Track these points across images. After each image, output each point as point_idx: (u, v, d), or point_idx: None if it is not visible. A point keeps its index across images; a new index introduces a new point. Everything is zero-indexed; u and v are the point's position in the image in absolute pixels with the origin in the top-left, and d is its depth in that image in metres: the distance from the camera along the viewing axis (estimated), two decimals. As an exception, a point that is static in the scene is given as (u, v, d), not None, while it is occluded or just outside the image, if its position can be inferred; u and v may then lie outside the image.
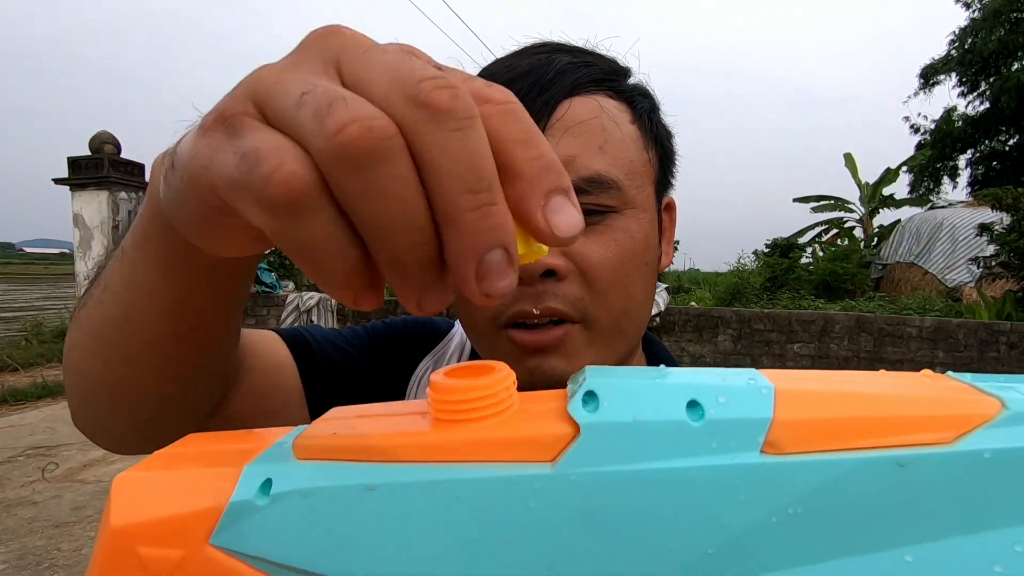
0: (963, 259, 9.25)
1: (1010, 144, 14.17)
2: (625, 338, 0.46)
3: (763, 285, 9.81)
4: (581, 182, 0.42)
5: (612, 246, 0.43)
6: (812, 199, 14.99)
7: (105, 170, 5.96)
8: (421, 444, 0.17)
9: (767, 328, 6.57)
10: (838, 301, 8.50)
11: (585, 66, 0.46)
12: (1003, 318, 6.80)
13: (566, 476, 0.17)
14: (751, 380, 0.18)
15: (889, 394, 0.17)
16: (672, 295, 7.85)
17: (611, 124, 0.44)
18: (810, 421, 0.17)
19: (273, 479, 0.18)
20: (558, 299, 0.42)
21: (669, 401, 0.17)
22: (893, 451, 0.16)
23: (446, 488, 0.17)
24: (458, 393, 0.18)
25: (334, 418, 0.20)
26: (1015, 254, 7.09)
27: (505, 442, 0.17)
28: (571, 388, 0.19)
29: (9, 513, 3.08)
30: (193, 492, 0.18)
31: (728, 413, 0.17)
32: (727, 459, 0.16)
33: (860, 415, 0.17)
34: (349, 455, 0.18)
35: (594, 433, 0.17)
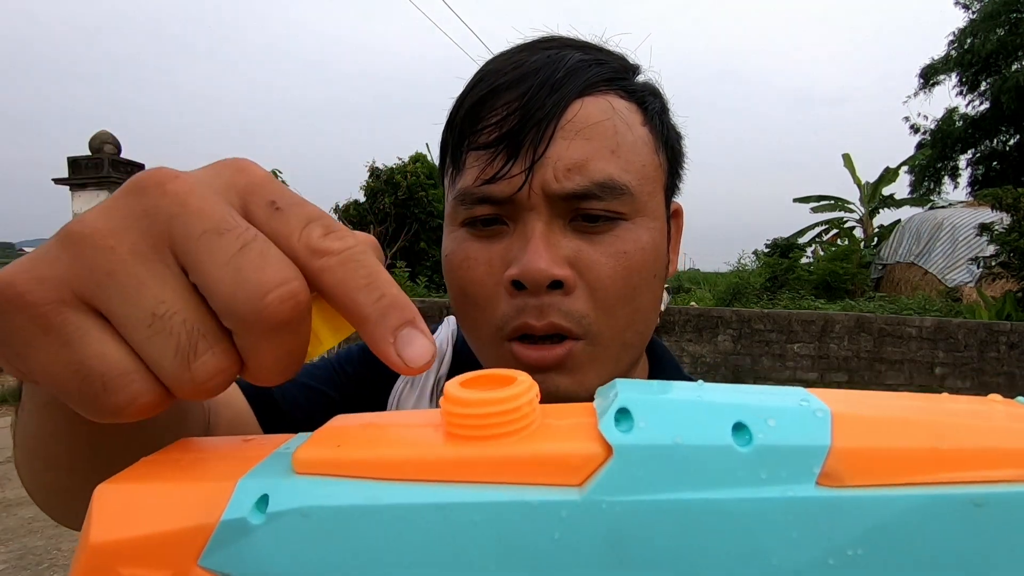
0: (963, 259, 9.25)
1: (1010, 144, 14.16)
2: (630, 351, 0.45)
3: (763, 285, 9.81)
4: (593, 187, 0.40)
5: (622, 259, 0.42)
6: (812, 199, 14.99)
7: (105, 170, 5.94)
8: (434, 462, 0.16)
9: (767, 328, 6.57)
10: (838, 301, 8.50)
11: (596, 64, 0.44)
12: (1003, 318, 6.80)
13: (596, 504, 0.15)
14: (803, 401, 0.16)
15: (961, 423, 0.15)
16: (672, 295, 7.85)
17: (623, 126, 0.43)
18: (873, 451, 0.15)
19: (270, 495, 0.16)
20: (562, 315, 0.40)
21: (713, 422, 0.15)
22: (968, 488, 0.14)
23: (461, 512, 0.15)
24: (476, 407, 0.16)
25: (338, 428, 0.19)
26: (1015, 254, 7.09)
27: (527, 462, 0.16)
28: (600, 403, 0.18)
29: (9, 513, 3.08)
30: (181, 507, 0.17)
31: (779, 439, 0.15)
32: (778, 491, 0.15)
33: (929, 446, 0.15)
34: (354, 471, 0.16)
35: (628, 456, 0.15)
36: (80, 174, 6.05)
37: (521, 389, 0.17)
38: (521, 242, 0.41)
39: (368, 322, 0.18)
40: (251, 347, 0.18)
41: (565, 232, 0.41)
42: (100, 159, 6.01)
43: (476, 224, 0.43)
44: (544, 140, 0.40)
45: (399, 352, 0.18)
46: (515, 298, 0.41)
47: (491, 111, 0.42)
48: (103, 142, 6.12)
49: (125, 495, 0.17)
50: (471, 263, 0.43)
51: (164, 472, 0.18)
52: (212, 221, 0.18)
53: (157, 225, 0.18)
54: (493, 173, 0.41)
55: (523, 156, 0.40)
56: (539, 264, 0.39)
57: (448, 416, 0.17)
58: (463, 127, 0.43)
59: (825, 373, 6.45)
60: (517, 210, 0.41)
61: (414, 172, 10.30)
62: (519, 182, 0.40)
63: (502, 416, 0.16)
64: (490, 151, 0.41)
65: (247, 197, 0.19)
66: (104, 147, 6.10)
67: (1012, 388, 6.07)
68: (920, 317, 6.55)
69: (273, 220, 0.19)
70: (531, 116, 0.40)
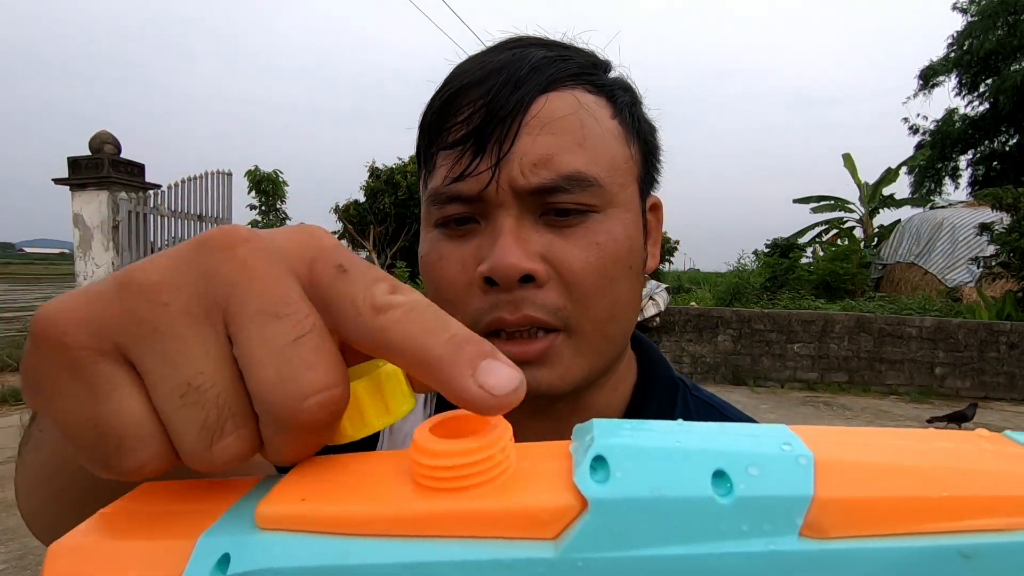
0: (963, 259, 9.25)
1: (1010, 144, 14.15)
2: (613, 344, 0.45)
3: (763, 285, 9.81)
4: (560, 180, 0.40)
5: (594, 250, 0.41)
6: (812, 199, 14.99)
7: (105, 170, 5.93)
8: (403, 517, 0.15)
9: (767, 328, 6.57)
10: (838, 301, 8.49)
11: (561, 60, 0.44)
12: (1003, 318, 6.80)
13: (572, 561, 0.14)
14: (786, 445, 0.15)
15: (948, 467, 0.15)
16: (672, 295, 7.84)
17: (590, 120, 0.42)
18: (857, 501, 0.14)
19: (231, 554, 0.15)
20: (536, 307, 0.40)
21: (692, 471, 0.15)
22: (955, 538, 0.14)
23: (434, 572, 0.15)
24: (445, 458, 0.16)
25: (302, 475, 0.18)
26: (1015, 254, 7.09)
27: (499, 516, 0.15)
28: (576, 447, 0.17)
29: (9, 513, 3.07)
30: (139, 568, 0.16)
31: (761, 489, 0.14)
32: (761, 545, 0.14)
33: (916, 494, 0.14)
34: (320, 526, 0.16)
35: (604, 510, 0.14)
36: (80, 174, 6.05)
37: (494, 437, 0.16)
38: (491, 239, 0.41)
39: (442, 362, 0.17)
40: (274, 438, 0.17)
41: (536, 227, 0.41)
42: (100, 159, 6.01)
43: (449, 224, 0.43)
44: (509, 136, 0.40)
45: (481, 383, 0.17)
46: (488, 294, 0.41)
47: (457, 110, 0.42)
48: (103, 142, 6.12)
49: (80, 555, 0.17)
50: (444, 263, 0.43)
51: (121, 526, 0.18)
52: (272, 301, 0.17)
53: (216, 289, 0.17)
54: (461, 171, 0.41)
55: (489, 153, 0.40)
56: (509, 259, 0.39)
57: (417, 467, 0.16)
58: (432, 128, 0.44)
59: (825, 373, 6.45)
60: (487, 207, 0.41)
61: (414, 172, 10.31)
62: (486, 179, 0.40)
63: (473, 467, 0.16)
64: (457, 149, 0.41)
65: (315, 262, 0.18)
66: (104, 147, 6.10)
67: (1012, 388, 6.08)
68: (920, 317, 6.55)
69: (339, 281, 0.18)
70: (496, 113, 0.40)
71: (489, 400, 0.17)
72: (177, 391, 0.17)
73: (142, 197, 6.29)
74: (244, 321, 0.17)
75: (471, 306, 0.42)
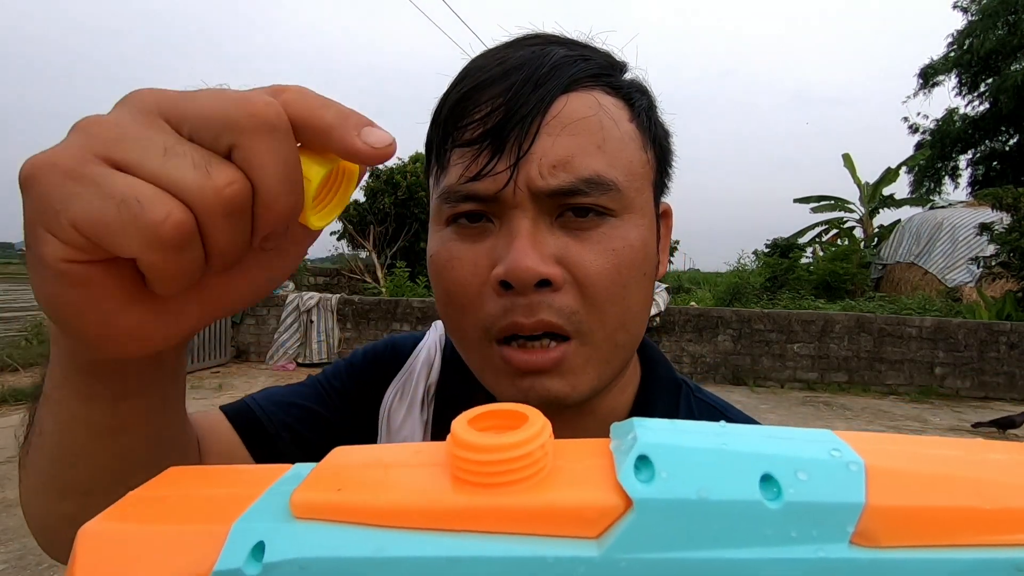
0: (963, 259, 9.26)
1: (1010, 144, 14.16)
2: (622, 352, 0.44)
3: (763, 285, 9.81)
4: (579, 183, 0.39)
5: (610, 256, 0.41)
6: (812, 199, 14.99)
7: (104, 170, 5.93)
8: (442, 510, 0.15)
9: (767, 328, 6.56)
10: (838, 301, 8.50)
11: (582, 60, 0.43)
12: (1003, 318, 6.80)
13: (615, 561, 0.14)
14: (835, 451, 0.15)
15: (1003, 480, 0.15)
16: (672, 295, 7.84)
17: (609, 122, 0.41)
18: (911, 510, 0.14)
19: (266, 543, 0.15)
20: (552, 311, 0.39)
21: (739, 474, 0.14)
22: (1010, 551, 0.14)
23: (473, 567, 0.14)
24: (485, 452, 0.15)
25: (338, 466, 0.18)
26: (1015, 254, 7.09)
27: (541, 513, 0.15)
28: (616, 445, 0.17)
29: (9, 513, 3.07)
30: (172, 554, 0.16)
31: (811, 494, 0.14)
32: (810, 551, 0.14)
33: (971, 505, 0.14)
34: (356, 517, 0.15)
35: (650, 510, 0.14)
36: (80, 174, 6.04)
37: (533, 431, 0.16)
38: (507, 240, 0.40)
39: (334, 128, 0.23)
40: (251, 154, 0.21)
41: (552, 229, 0.41)
42: (100, 159, 6.00)
43: (461, 222, 0.42)
44: (529, 136, 0.39)
45: (364, 140, 0.23)
46: (502, 298, 0.40)
47: (475, 107, 0.41)
48: (103, 142, 6.11)
49: (111, 537, 0.16)
50: (456, 263, 0.42)
51: (152, 510, 0.17)
52: (193, 91, 0.23)
53: (149, 105, 0.22)
54: (478, 170, 0.40)
55: (507, 153, 0.39)
56: (526, 262, 0.38)
57: (456, 461, 0.16)
58: (447, 124, 0.43)
59: (825, 373, 6.45)
60: (502, 208, 0.40)
61: (414, 172, 10.30)
62: (504, 179, 0.39)
63: (514, 463, 0.15)
64: (474, 148, 0.40)
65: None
66: (104, 147, 6.08)
67: (1012, 388, 6.08)
68: (920, 317, 6.55)
69: (246, 94, 0.23)
70: (515, 112, 0.39)
71: (371, 152, 0.23)
72: (158, 155, 0.21)
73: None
74: (183, 104, 0.22)
75: (484, 309, 0.41)
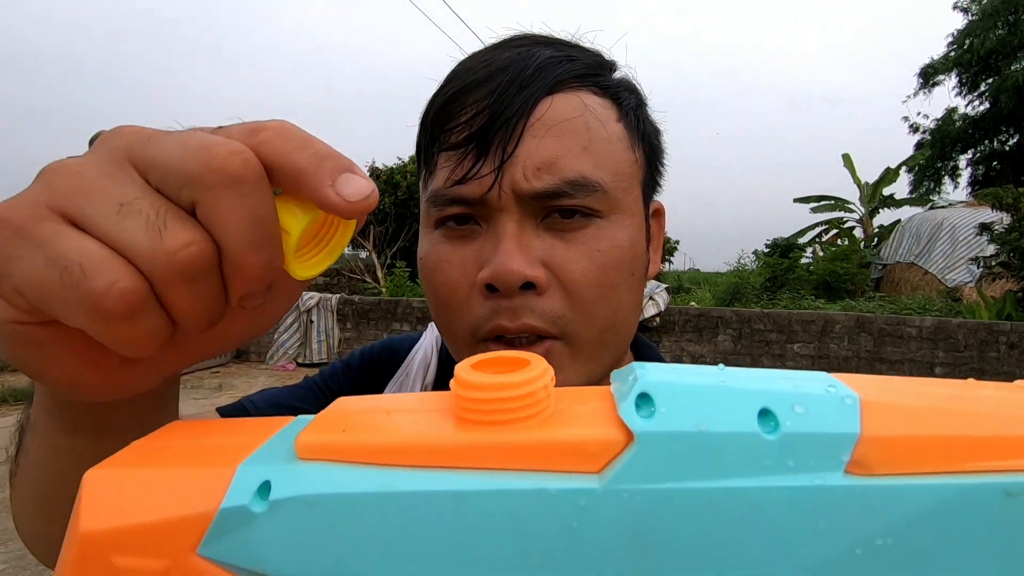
0: (963, 259, 9.26)
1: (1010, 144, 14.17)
2: (611, 351, 0.44)
3: (763, 285, 9.82)
4: (564, 185, 0.39)
5: (596, 257, 0.41)
6: (812, 199, 14.99)
7: (104, 169, 5.94)
8: (445, 448, 0.15)
9: (767, 328, 6.57)
10: (838, 301, 8.50)
11: (568, 60, 0.43)
12: (1003, 318, 6.80)
13: (617, 492, 0.14)
14: (831, 388, 0.15)
15: (991, 411, 0.15)
16: (672, 295, 7.85)
17: (596, 123, 0.42)
18: (904, 439, 0.14)
19: (272, 482, 0.15)
20: (536, 315, 0.40)
21: (738, 409, 0.15)
22: (1000, 477, 0.14)
23: (476, 500, 0.15)
24: (489, 391, 0.16)
25: (342, 411, 0.18)
26: (1015, 254, 7.09)
27: (544, 448, 0.15)
28: (617, 387, 0.17)
29: (9, 513, 3.07)
30: (178, 494, 0.16)
31: (807, 426, 0.14)
32: (806, 480, 0.14)
33: (961, 434, 0.14)
34: (361, 457, 0.16)
35: (650, 443, 0.14)
36: (80, 173, 6.05)
37: (536, 373, 0.16)
38: (493, 243, 0.40)
39: (306, 174, 0.20)
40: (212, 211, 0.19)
41: (538, 232, 0.41)
42: (100, 158, 6.01)
43: (449, 224, 0.42)
44: (513, 139, 0.39)
45: (338, 191, 0.20)
46: (489, 300, 0.40)
47: (460, 110, 0.41)
48: (103, 141, 6.12)
49: (117, 481, 0.17)
50: (444, 266, 0.42)
51: (157, 456, 0.18)
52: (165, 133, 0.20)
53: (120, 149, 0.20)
54: (463, 173, 0.40)
55: (492, 155, 0.39)
56: (511, 266, 0.38)
57: (459, 400, 0.16)
58: (433, 127, 0.43)
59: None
60: (489, 211, 0.41)
61: (414, 172, 10.30)
62: (489, 182, 0.39)
63: (516, 401, 0.16)
64: (460, 151, 0.40)
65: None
66: (104, 146, 6.10)
67: (1012, 388, 6.06)
68: (920, 317, 6.55)
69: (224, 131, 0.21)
70: (499, 114, 0.39)
71: (344, 205, 0.20)
72: (112, 212, 0.18)
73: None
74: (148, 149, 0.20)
75: (472, 312, 0.41)
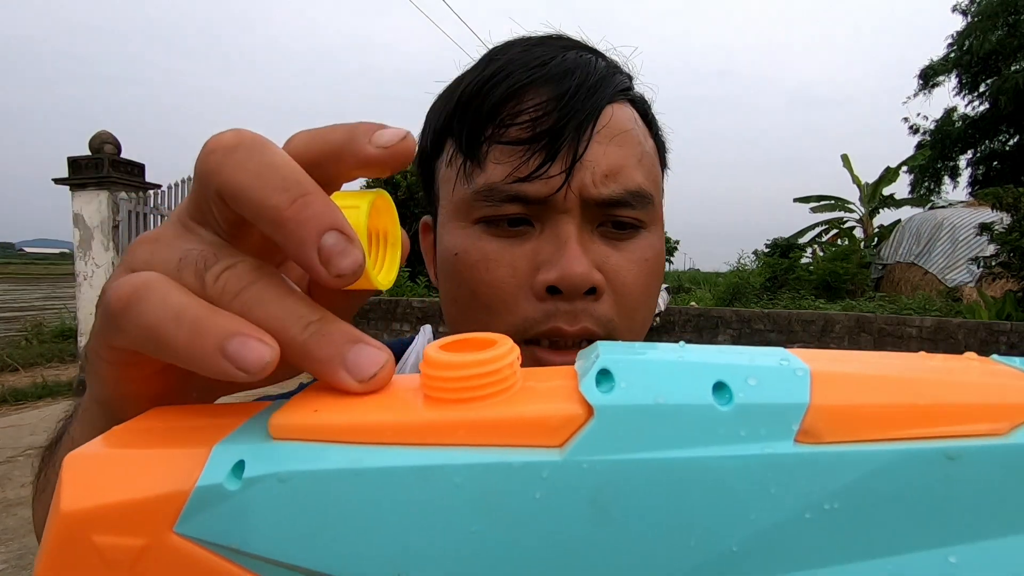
0: (963, 259, 9.24)
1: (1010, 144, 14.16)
2: None
3: (763, 285, 9.81)
4: (627, 195, 0.41)
5: (644, 266, 0.42)
6: (812, 199, 14.98)
7: (105, 170, 5.92)
8: (414, 425, 0.16)
9: (767, 328, 6.56)
10: (838, 301, 8.49)
11: (618, 72, 0.44)
12: (1003, 318, 6.79)
13: (577, 464, 0.15)
14: (783, 361, 0.16)
15: (936, 379, 0.16)
16: (672, 295, 7.84)
17: (642, 136, 0.43)
18: (850, 408, 0.15)
19: (246, 461, 0.16)
20: (593, 319, 0.40)
21: (693, 382, 0.15)
22: (941, 443, 0.15)
23: (443, 474, 0.15)
24: (455, 369, 0.16)
25: (314, 395, 0.18)
26: (1015, 254, 7.08)
27: (508, 424, 0.16)
28: (581, 365, 0.18)
29: (9, 513, 3.07)
30: (155, 474, 0.16)
31: (759, 397, 0.15)
32: (758, 448, 0.15)
33: (905, 402, 0.15)
34: (332, 436, 0.16)
35: (609, 416, 0.15)
36: (80, 174, 6.05)
37: (502, 351, 0.17)
38: (554, 245, 0.40)
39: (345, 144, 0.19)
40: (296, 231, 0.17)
41: (593, 238, 0.41)
42: (100, 159, 6.01)
43: (499, 223, 0.41)
44: (584, 142, 0.40)
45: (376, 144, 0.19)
46: (545, 302, 0.40)
47: (521, 106, 0.40)
48: (103, 142, 6.12)
49: (96, 462, 0.17)
50: (490, 264, 0.41)
51: (136, 439, 0.18)
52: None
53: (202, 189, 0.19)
54: (529, 172, 0.39)
55: (561, 157, 0.39)
56: (579, 269, 0.38)
57: (427, 379, 0.16)
58: (484, 116, 0.41)
59: (825, 373, 6.42)
60: (548, 212, 0.40)
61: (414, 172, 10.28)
62: (557, 183, 0.39)
63: (482, 378, 0.16)
64: (522, 148, 0.40)
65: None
66: (104, 147, 6.10)
67: (1012, 388, 6.05)
68: (920, 317, 6.55)
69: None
70: (571, 116, 0.39)
71: (383, 154, 0.19)
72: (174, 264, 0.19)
73: (142, 197, 6.28)
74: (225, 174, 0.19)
75: (520, 312, 0.41)
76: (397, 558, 0.15)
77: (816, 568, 0.15)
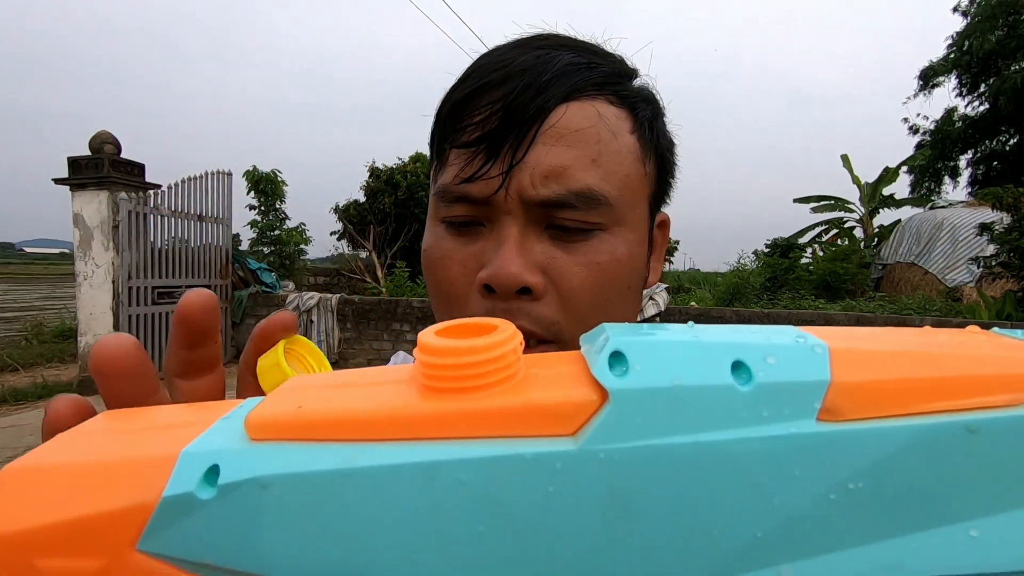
0: (963, 259, 9.24)
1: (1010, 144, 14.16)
2: None
3: (763, 285, 9.81)
4: (569, 196, 0.39)
5: (594, 270, 0.41)
6: (812, 199, 14.97)
7: (105, 170, 5.91)
8: (410, 418, 0.14)
9: (767, 328, 6.54)
10: (838, 301, 8.48)
11: (587, 67, 0.42)
12: (1003, 318, 6.78)
13: (593, 453, 0.14)
14: (799, 338, 0.15)
15: (951, 353, 0.15)
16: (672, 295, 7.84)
17: (608, 135, 0.41)
18: (872, 383, 0.14)
19: (221, 465, 0.14)
20: (531, 320, 0.40)
21: (711, 362, 0.14)
22: (963, 415, 0.14)
23: (447, 470, 0.14)
24: (454, 355, 0.15)
25: (296, 388, 0.16)
26: (1015, 254, 7.08)
27: (515, 413, 0.14)
28: (587, 348, 0.16)
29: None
30: (111, 486, 0.14)
31: (779, 376, 0.14)
32: (781, 429, 0.14)
33: (925, 376, 0.15)
34: (319, 433, 0.14)
35: (626, 401, 0.14)
36: (80, 174, 6.04)
37: (504, 336, 0.15)
38: (495, 245, 0.40)
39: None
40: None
41: (540, 238, 0.41)
42: (100, 159, 6.00)
43: (456, 223, 0.43)
44: (524, 144, 0.39)
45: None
46: (486, 300, 0.40)
47: (475, 109, 0.41)
48: (103, 142, 6.11)
49: (37, 476, 0.15)
50: (447, 261, 0.43)
51: (87, 447, 0.16)
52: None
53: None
54: (472, 173, 0.40)
55: (502, 159, 0.40)
56: (509, 269, 0.38)
57: (424, 367, 0.15)
58: (447, 123, 0.43)
59: (825, 373, 6.41)
60: (494, 212, 0.41)
61: (414, 172, 10.32)
62: (496, 184, 0.40)
63: (485, 366, 0.15)
64: (470, 150, 0.40)
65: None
66: (104, 147, 6.09)
67: (1012, 387, 6.04)
68: (920, 317, 6.54)
69: None
70: (513, 118, 0.39)
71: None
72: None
73: (142, 197, 6.27)
74: None
75: (469, 309, 0.42)
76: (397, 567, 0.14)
77: (841, 550, 0.14)
